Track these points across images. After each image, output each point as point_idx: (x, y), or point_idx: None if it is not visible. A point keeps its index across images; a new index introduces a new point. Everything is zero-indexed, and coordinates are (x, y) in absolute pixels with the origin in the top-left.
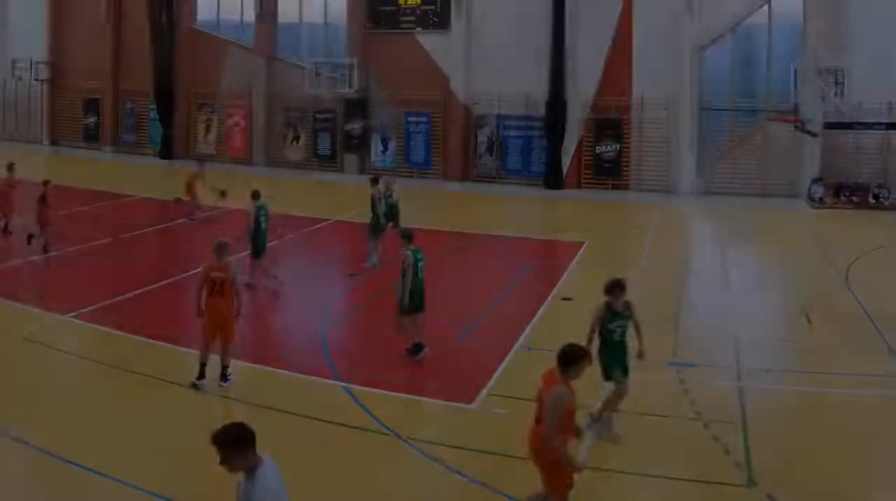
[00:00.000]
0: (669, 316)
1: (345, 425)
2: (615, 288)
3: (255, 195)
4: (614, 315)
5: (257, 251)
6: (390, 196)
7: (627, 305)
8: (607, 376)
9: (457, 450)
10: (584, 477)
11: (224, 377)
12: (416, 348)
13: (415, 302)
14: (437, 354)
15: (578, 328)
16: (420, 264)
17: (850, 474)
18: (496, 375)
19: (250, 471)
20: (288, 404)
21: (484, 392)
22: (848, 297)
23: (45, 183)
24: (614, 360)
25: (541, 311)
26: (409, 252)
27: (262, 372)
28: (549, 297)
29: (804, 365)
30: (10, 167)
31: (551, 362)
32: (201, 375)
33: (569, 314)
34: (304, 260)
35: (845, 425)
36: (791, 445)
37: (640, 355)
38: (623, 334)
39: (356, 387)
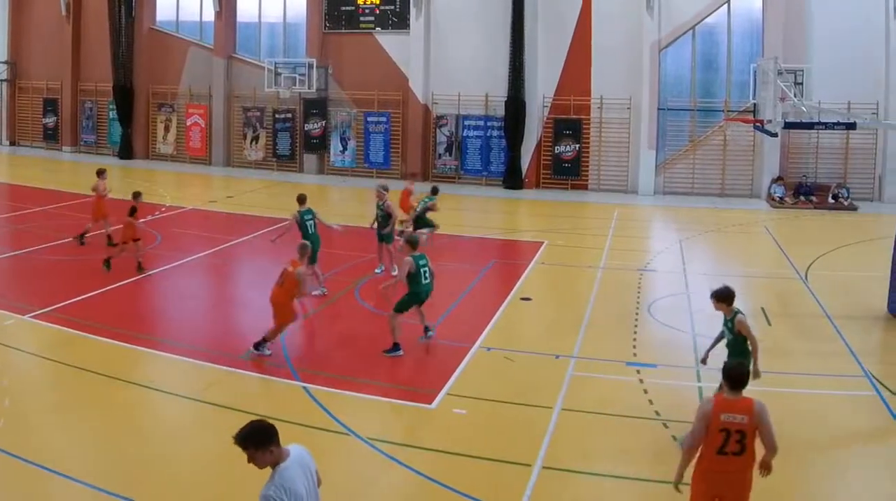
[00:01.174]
0: (630, 317)
1: (305, 425)
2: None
3: (301, 200)
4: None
5: (311, 257)
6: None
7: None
8: None
9: (416, 450)
10: (544, 477)
11: (257, 345)
12: (395, 347)
13: (413, 303)
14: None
15: (537, 328)
16: (424, 270)
17: (810, 473)
18: (455, 375)
19: (274, 466)
20: (247, 404)
21: (443, 392)
22: (808, 297)
23: (136, 195)
24: None
25: (500, 311)
26: (409, 258)
27: (222, 373)
28: (509, 297)
29: (763, 365)
30: (101, 173)
31: (507, 363)
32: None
33: (528, 314)
34: (263, 260)
35: (805, 425)
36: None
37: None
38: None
39: (316, 387)
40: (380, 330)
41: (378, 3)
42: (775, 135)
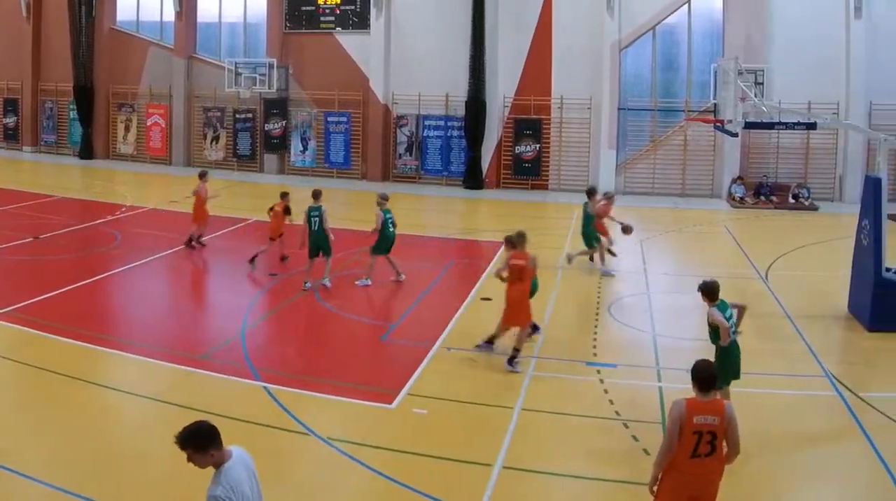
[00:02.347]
0: (590, 317)
1: (265, 425)
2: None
3: (314, 195)
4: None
5: (326, 251)
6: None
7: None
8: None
9: (377, 450)
10: (504, 477)
11: (511, 361)
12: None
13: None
14: (359, 355)
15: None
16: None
17: (772, 474)
18: (416, 375)
19: (217, 467)
20: (208, 404)
21: (403, 392)
22: (768, 297)
23: (284, 195)
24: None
25: (460, 311)
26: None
27: (182, 373)
28: (469, 297)
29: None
30: (203, 175)
31: (468, 362)
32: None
33: (488, 314)
34: (224, 260)
35: (766, 425)
36: None
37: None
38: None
39: (276, 387)
40: (340, 330)
41: (338, 3)
42: (736, 135)
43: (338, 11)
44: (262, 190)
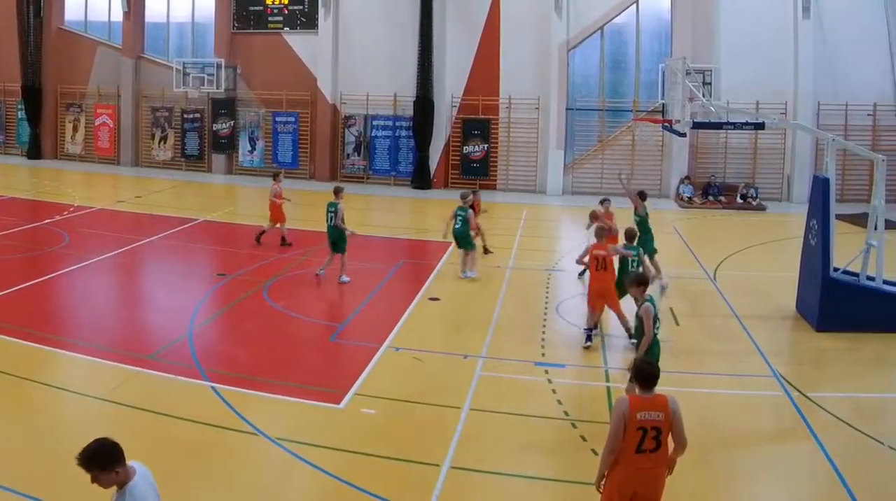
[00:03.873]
0: (538, 317)
1: (213, 425)
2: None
3: (334, 191)
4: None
5: (337, 247)
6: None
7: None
8: None
9: (325, 450)
10: (452, 477)
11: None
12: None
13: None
14: (307, 355)
15: (446, 328)
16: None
17: (720, 474)
18: (364, 375)
19: (120, 486)
20: (156, 404)
21: (352, 392)
22: (716, 297)
23: (276, 175)
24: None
25: (408, 311)
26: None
27: (130, 373)
28: (417, 297)
29: (672, 365)
30: (276, 176)
31: (416, 363)
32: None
33: (437, 314)
34: (172, 260)
35: (714, 425)
36: None
37: None
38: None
39: (224, 387)
40: (289, 330)
41: (286, 3)
42: (684, 135)
43: (286, 12)
44: (211, 190)
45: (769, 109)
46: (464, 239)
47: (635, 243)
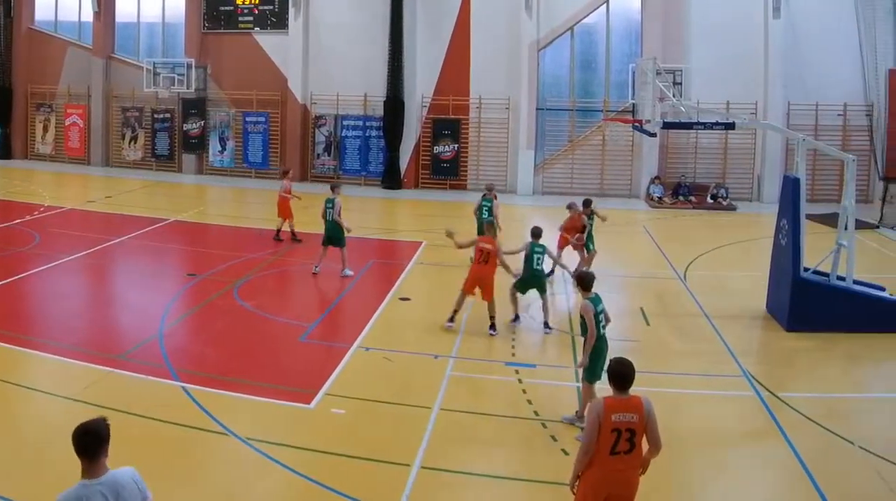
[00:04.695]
0: (508, 317)
1: (183, 425)
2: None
3: (331, 187)
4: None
5: (335, 241)
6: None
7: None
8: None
9: (295, 450)
10: (422, 477)
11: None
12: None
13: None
14: (277, 355)
15: (416, 328)
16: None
17: (688, 473)
18: (334, 375)
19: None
20: (126, 404)
21: (322, 392)
22: (686, 297)
23: (286, 173)
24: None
25: (379, 311)
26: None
27: (100, 373)
28: (388, 297)
29: (643, 365)
30: (286, 173)
31: (386, 363)
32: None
33: (407, 314)
34: (142, 260)
35: (685, 425)
36: None
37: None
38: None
39: (194, 387)
40: (259, 330)
41: (257, 3)
42: (654, 135)
43: (256, 11)
44: (181, 190)
45: (739, 109)
46: (491, 227)
47: (540, 240)
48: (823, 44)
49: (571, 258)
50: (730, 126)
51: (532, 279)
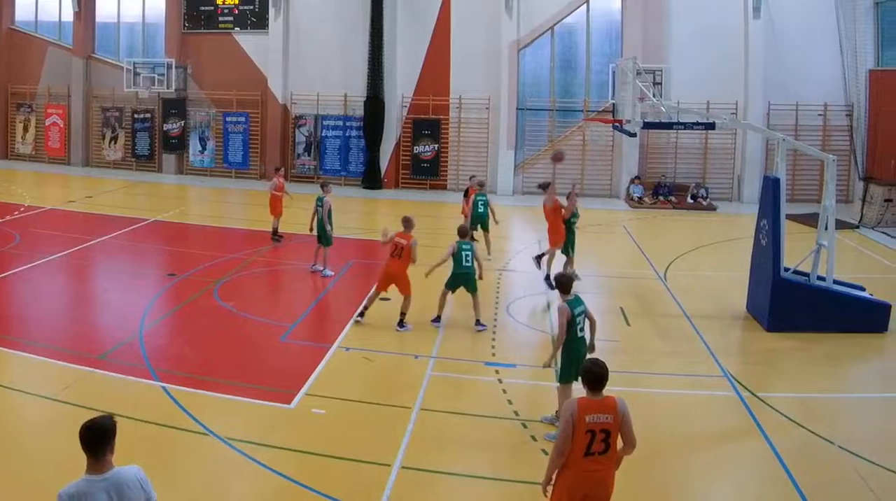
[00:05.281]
0: (488, 317)
1: (164, 425)
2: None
3: (321, 186)
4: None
5: (321, 240)
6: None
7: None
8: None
9: (275, 450)
10: (403, 477)
11: (401, 324)
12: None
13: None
14: (258, 355)
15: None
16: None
17: (669, 473)
18: (314, 375)
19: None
20: (106, 404)
21: (302, 392)
22: (666, 297)
23: (278, 169)
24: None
25: (359, 311)
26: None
27: (80, 372)
28: (367, 297)
29: (624, 365)
30: (278, 170)
31: (366, 363)
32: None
33: (387, 314)
34: (122, 260)
35: (665, 425)
36: None
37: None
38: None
39: (174, 387)
40: (239, 330)
41: (237, 3)
42: (634, 135)
43: (236, 12)
44: (161, 190)
45: (720, 109)
46: (486, 222)
47: (468, 239)
48: (804, 44)
49: (559, 259)
50: (710, 126)
51: (460, 277)
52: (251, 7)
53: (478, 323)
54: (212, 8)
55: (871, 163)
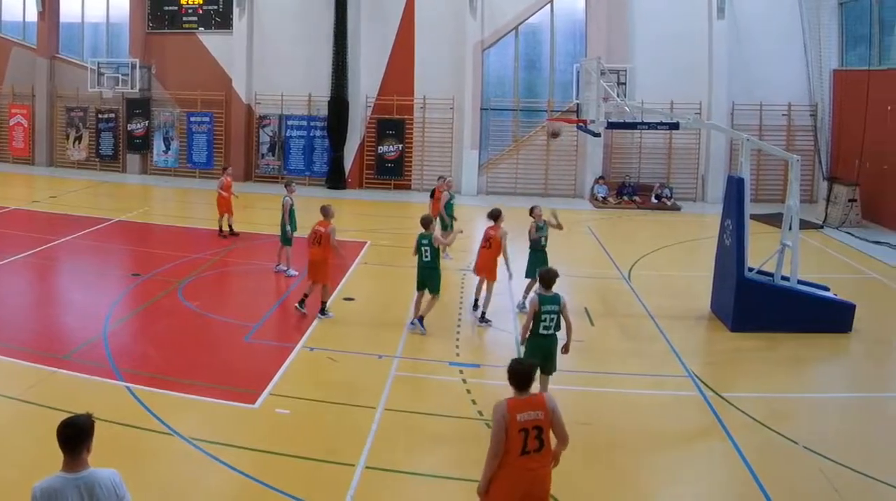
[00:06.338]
0: (453, 317)
1: (128, 425)
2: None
3: (287, 185)
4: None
5: (281, 239)
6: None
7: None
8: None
9: (239, 450)
10: (367, 477)
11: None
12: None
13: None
14: (222, 355)
15: (360, 328)
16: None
17: (633, 473)
18: (278, 375)
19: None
20: (71, 404)
21: (266, 392)
22: (630, 297)
23: (225, 169)
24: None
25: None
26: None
27: (44, 373)
28: (332, 297)
29: (588, 365)
30: (225, 169)
31: (331, 363)
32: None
33: (351, 314)
34: (86, 260)
35: (629, 425)
36: (575, 445)
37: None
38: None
39: (138, 387)
40: (203, 330)
41: (201, 3)
42: (598, 135)
43: (200, 11)
44: (125, 190)
45: (684, 109)
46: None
47: (430, 231)
48: (768, 44)
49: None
50: (674, 126)
51: (420, 271)
52: (215, 7)
53: (419, 320)
54: (176, 8)
55: (835, 163)
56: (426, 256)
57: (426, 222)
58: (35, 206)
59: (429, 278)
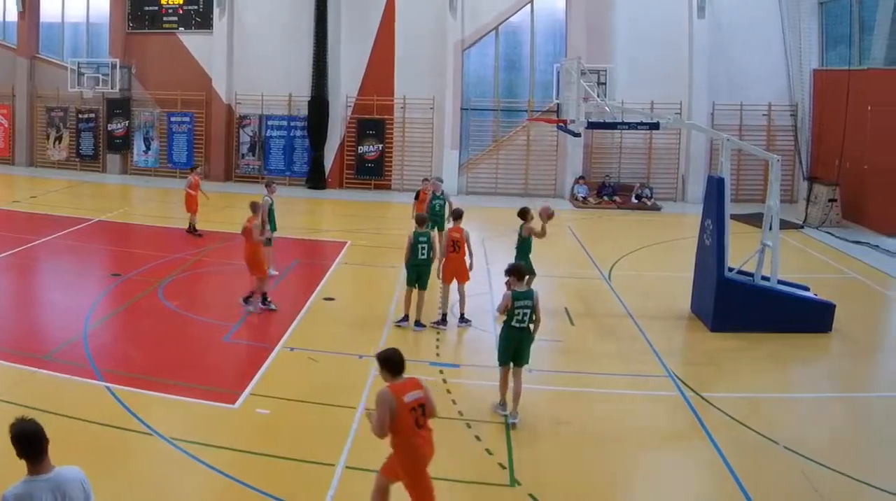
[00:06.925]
0: (433, 317)
1: (108, 425)
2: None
3: (267, 184)
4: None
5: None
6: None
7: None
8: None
9: (219, 450)
10: (347, 477)
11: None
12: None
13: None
14: (202, 355)
15: (341, 328)
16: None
17: (613, 473)
18: (259, 375)
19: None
20: (51, 404)
21: (246, 392)
22: (611, 297)
23: (194, 168)
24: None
25: (303, 311)
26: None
27: (24, 373)
28: (312, 298)
29: (568, 365)
30: (194, 168)
31: (311, 363)
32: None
33: (331, 314)
34: (66, 260)
35: (609, 425)
36: (555, 445)
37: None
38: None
39: (118, 387)
40: (183, 330)
41: (181, 3)
42: (578, 135)
43: (181, 12)
44: (105, 190)
45: (664, 109)
46: (442, 222)
47: (426, 229)
48: (748, 44)
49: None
50: (654, 126)
51: (414, 268)
52: (195, 7)
53: (417, 323)
54: (156, 8)
55: (816, 163)
56: (423, 253)
57: (421, 220)
58: (15, 206)
59: (425, 274)
